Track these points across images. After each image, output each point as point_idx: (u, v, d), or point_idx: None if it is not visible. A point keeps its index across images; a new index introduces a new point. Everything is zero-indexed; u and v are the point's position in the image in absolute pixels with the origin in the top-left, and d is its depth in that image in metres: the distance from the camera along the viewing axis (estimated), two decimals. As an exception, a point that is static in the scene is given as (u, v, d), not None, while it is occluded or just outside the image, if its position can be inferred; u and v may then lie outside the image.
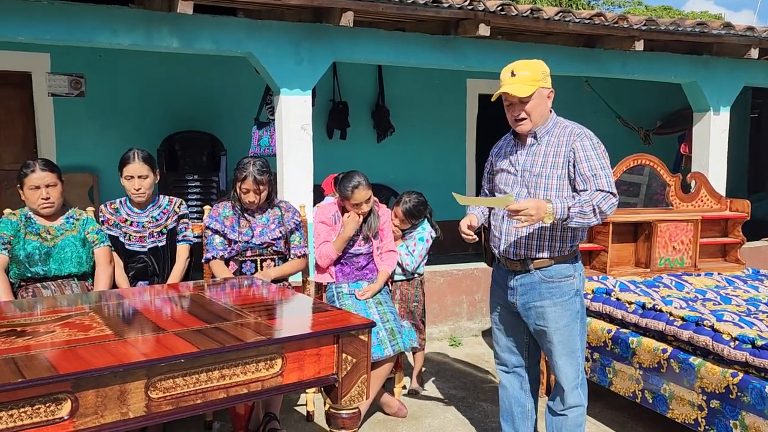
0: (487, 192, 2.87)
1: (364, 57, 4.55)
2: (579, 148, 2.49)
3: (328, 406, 2.18)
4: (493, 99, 2.58)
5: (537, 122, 2.53)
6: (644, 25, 4.84)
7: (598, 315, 3.41)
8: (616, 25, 4.74)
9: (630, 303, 3.22)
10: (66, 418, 1.62)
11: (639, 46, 4.92)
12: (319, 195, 4.44)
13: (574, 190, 2.52)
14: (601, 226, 3.91)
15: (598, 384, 3.37)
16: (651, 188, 4.27)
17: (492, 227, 2.71)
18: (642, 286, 3.57)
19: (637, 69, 5.38)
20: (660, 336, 3.00)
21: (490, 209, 2.75)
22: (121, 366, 1.67)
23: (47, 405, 1.59)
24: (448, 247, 6.32)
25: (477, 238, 2.63)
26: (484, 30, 4.37)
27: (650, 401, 3.02)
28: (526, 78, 2.44)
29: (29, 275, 2.95)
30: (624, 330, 3.23)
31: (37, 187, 2.99)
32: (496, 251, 2.68)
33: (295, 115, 4.31)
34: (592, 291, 3.49)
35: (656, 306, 3.07)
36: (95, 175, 6.26)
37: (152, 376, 1.73)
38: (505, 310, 2.75)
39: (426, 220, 3.77)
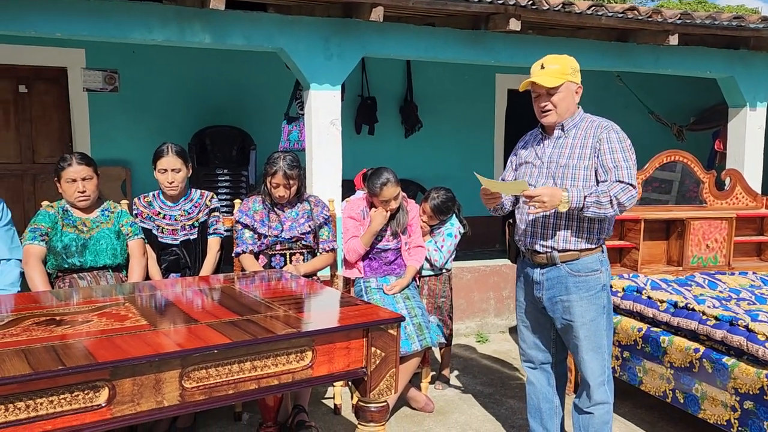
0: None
1: (394, 52, 4.55)
2: (605, 139, 2.50)
3: (356, 399, 2.19)
4: (521, 89, 2.60)
5: (563, 115, 2.56)
6: (679, 18, 4.75)
7: (629, 313, 3.37)
8: (649, 19, 4.67)
9: (661, 301, 3.18)
10: (104, 405, 1.66)
11: (673, 40, 4.83)
12: (349, 190, 4.47)
13: (598, 181, 2.52)
14: (632, 223, 3.88)
15: (627, 383, 3.33)
16: (684, 185, 4.21)
17: (518, 220, 2.71)
18: (674, 285, 3.52)
19: (671, 64, 5.29)
20: (692, 335, 2.96)
21: (515, 201, 2.75)
22: (157, 355, 1.71)
23: (86, 392, 1.64)
24: (476, 243, 6.31)
25: (498, 199, 2.64)
26: (514, 25, 4.33)
27: (681, 401, 2.98)
28: (555, 71, 2.49)
29: (66, 266, 3.03)
30: (655, 329, 3.18)
31: (74, 180, 3.06)
32: (522, 245, 2.68)
33: (324, 110, 4.33)
34: (623, 289, 3.45)
35: (689, 305, 3.03)
36: (128, 168, 6.37)
37: (186, 366, 1.76)
38: (531, 306, 2.74)
39: (454, 215, 3.77)
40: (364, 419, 2.16)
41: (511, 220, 2.86)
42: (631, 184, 2.44)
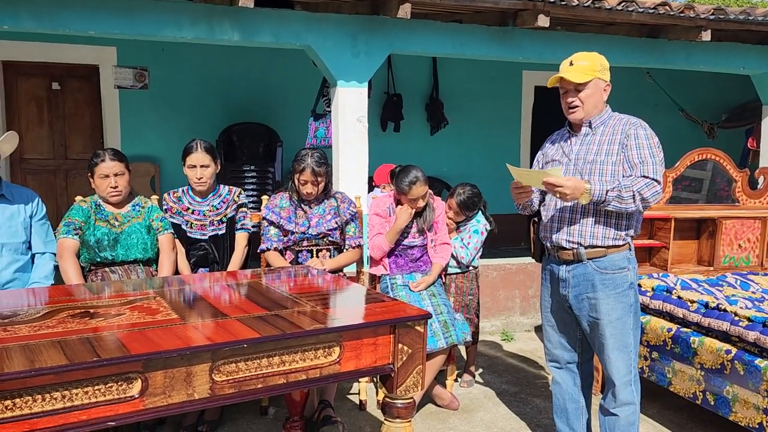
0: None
1: (421, 49, 4.54)
2: (633, 135, 2.50)
3: (383, 395, 2.20)
4: (549, 85, 2.60)
5: (590, 112, 2.55)
6: (712, 14, 4.66)
7: (658, 313, 3.33)
8: (681, 15, 4.59)
9: (692, 302, 3.13)
10: (136, 396, 1.69)
11: (706, 36, 4.74)
12: (372, 186, 4.48)
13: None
14: (662, 222, 3.82)
15: (656, 384, 3.29)
16: (715, 184, 4.13)
17: (543, 217, 2.70)
18: (704, 285, 3.46)
19: (704, 60, 5.19)
20: (724, 336, 2.90)
21: (542, 200, 2.74)
22: (188, 349, 1.74)
23: (119, 384, 1.67)
24: (501, 241, 6.27)
25: (525, 201, 2.65)
26: (543, 21, 4.29)
27: (712, 403, 2.93)
28: (584, 67, 2.49)
29: (99, 260, 3.08)
30: (685, 329, 3.14)
31: (107, 176, 3.12)
32: (548, 241, 2.67)
33: (351, 107, 4.34)
34: (652, 288, 3.41)
35: (720, 305, 2.97)
36: (157, 164, 6.47)
37: (216, 359, 1.79)
38: (557, 305, 2.73)
39: (480, 212, 3.75)
40: (391, 415, 2.17)
41: (536, 219, 2.84)
42: (656, 180, 2.42)
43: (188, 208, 3.37)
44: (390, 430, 2.17)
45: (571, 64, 2.51)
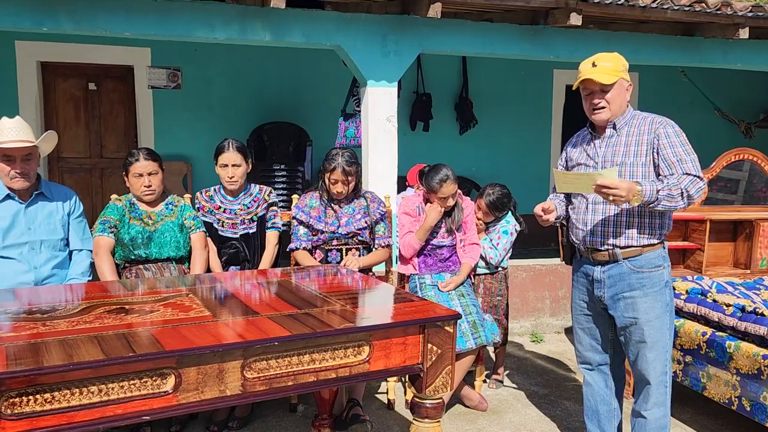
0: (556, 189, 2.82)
1: (451, 48, 4.53)
2: (663, 134, 2.47)
3: (412, 395, 2.20)
4: (573, 87, 2.59)
5: (616, 113, 2.54)
6: (750, 11, 4.55)
7: (692, 316, 3.26)
8: (718, 12, 4.49)
9: (728, 305, 3.07)
10: (170, 392, 1.72)
11: (743, 33, 4.64)
12: (403, 186, 4.48)
13: (658, 176, 2.48)
14: (697, 223, 3.75)
15: (690, 388, 3.23)
16: (752, 185, 4.04)
17: (574, 220, 2.67)
18: (741, 288, 3.39)
19: (741, 58, 5.07)
20: (760, 341, 2.84)
21: (568, 203, 2.71)
22: (221, 346, 1.76)
23: (153, 379, 1.70)
24: (531, 242, 6.21)
25: (552, 219, 2.64)
26: (575, 19, 4.24)
27: (748, 409, 2.87)
28: (609, 68, 2.47)
29: (133, 257, 3.15)
30: (720, 333, 3.07)
31: (141, 175, 3.18)
32: (581, 244, 2.64)
33: (380, 106, 4.35)
34: (686, 291, 3.34)
35: (757, 309, 2.91)
36: (189, 163, 6.56)
37: (248, 357, 1.81)
38: (590, 307, 2.70)
39: (510, 212, 3.72)
40: (420, 415, 2.17)
41: (564, 221, 2.82)
42: (699, 176, 2.40)
43: (220, 207, 3.42)
44: (419, 430, 2.17)
45: (594, 65, 2.49)
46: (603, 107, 2.51)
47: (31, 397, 1.57)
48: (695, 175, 2.39)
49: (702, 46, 4.98)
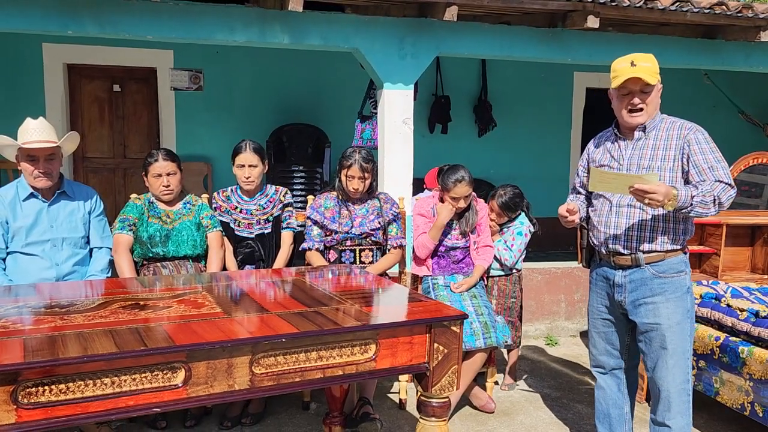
0: (578, 188, 2.81)
1: (468, 51, 4.54)
2: (693, 140, 2.44)
3: (419, 393, 2.23)
4: (614, 85, 2.47)
5: (651, 115, 2.50)
6: (772, 13, 4.50)
7: (706, 321, 3.24)
8: (739, 15, 4.44)
9: (742, 310, 3.04)
10: (180, 385, 1.77)
11: (765, 36, 4.58)
12: (419, 188, 4.51)
13: (686, 182, 2.45)
14: (714, 227, 3.72)
15: (703, 393, 3.21)
16: (776, 189, 4.00)
17: (596, 222, 2.64)
18: (757, 293, 3.36)
19: (763, 61, 5.01)
20: (774, 347, 2.82)
21: (588, 204, 2.70)
22: (229, 341, 1.81)
23: (164, 372, 1.76)
24: (547, 245, 6.20)
25: (578, 221, 2.62)
26: (592, 22, 4.23)
27: (761, 415, 2.84)
28: (649, 69, 2.42)
29: (151, 255, 3.22)
30: (734, 338, 3.05)
31: (159, 175, 3.25)
32: (602, 247, 2.61)
33: (397, 109, 4.38)
34: (701, 296, 3.32)
35: (771, 315, 2.88)
36: (209, 164, 6.67)
37: (256, 352, 1.86)
38: (608, 311, 2.68)
39: (524, 214, 3.73)
40: (426, 414, 2.19)
41: (583, 224, 2.81)
42: (730, 184, 2.38)
43: (236, 207, 3.48)
44: (425, 428, 2.20)
45: (633, 64, 2.40)
46: (641, 109, 2.46)
47: (47, 388, 1.63)
48: (727, 183, 2.36)
49: (723, 49, 4.93)
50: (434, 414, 2.19)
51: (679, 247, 2.51)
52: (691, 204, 2.32)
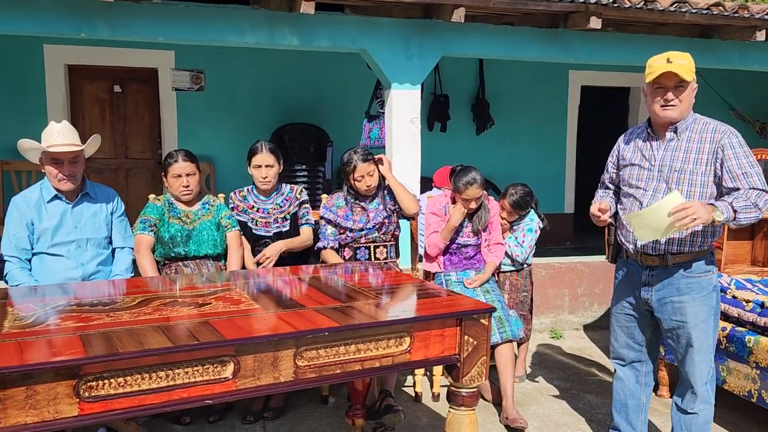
0: (607, 183, 2.87)
1: (473, 52, 4.63)
2: (727, 145, 2.45)
3: (449, 384, 2.31)
4: (648, 79, 2.48)
5: (684, 113, 2.50)
6: (767, 14, 4.63)
7: (712, 312, 3.36)
8: (735, 15, 4.57)
9: (747, 301, 3.16)
10: (230, 378, 1.84)
11: (760, 36, 4.72)
12: (425, 187, 4.59)
13: (718, 186, 2.49)
14: (716, 222, 3.84)
15: (710, 382, 3.32)
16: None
17: (625, 222, 2.68)
18: (759, 285, 3.48)
19: (758, 60, 5.15)
20: (780, 336, 2.94)
21: (617, 202, 2.77)
22: (276, 335, 1.89)
23: (215, 366, 1.83)
24: (547, 240, 6.30)
25: (610, 220, 2.65)
26: (595, 23, 4.34)
27: (767, 401, 2.96)
28: (685, 66, 2.43)
29: (173, 255, 3.28)
30: (740, 328, 3.17)
31: (179, 176, 3.31)
32: (631, 246, 2.64)
33: (404, 108, 4.47)
34: (706, 288, 3.44)
35: (777, 305, 3.00)
36: (212, 164, 6.71)
37: (300, 346, 1.93)
38: (632, 307, 2.74)
39: (533, 211, 3.83)
40: (456, 403, 2.28)
41: (612, 221, 2.86)
42: (765, 190, 2.40)
43: (253, 206, 3.55)
44: (455, 417, 2.29)
45: (669, 61, 2.41)
46: (675, 105, 2.46)
47: (106, 381, 1.69)
48: (761, 189, 2.38)
49: (719, 49, 5.06)
50: (464, 403, 2.27)
51: (706, 248, 2.55)
52: (734, 211, 2.33)
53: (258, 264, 3.41)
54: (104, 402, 1.70)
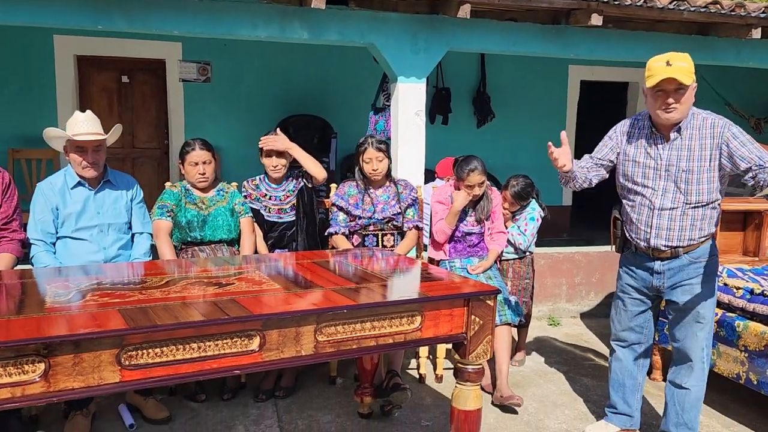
0: (597, 157, 2.90)
1: (477, 47, 4.76)
2: (731, 136, 2.56)
3: (456, 361, 2.46)
4: (648, 85, 2.57)
5: (684, 113, 2.59)
6: (763, 12, 4.77)
7: (704, 299, 3.52)
8: (732, 13, 4.71)
9: (737, 288, 3.32)
10: (256, 350, 1.99)
11: (756, 33, 4.86)
12: (428, 178, 4.74)
13: (722, 178, 2.64)
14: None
15: (701, 365, 3.49)
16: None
17: (635, 221, 2.79)
18: (750, 274, 3.64)
19: (753, 57, 5.29)
20: (767, 321, 3.09)
21: (621, 197, 2.88)
22: (299, 312, 2.03)
23: (242, 339, 1.97)
24: (545, 232, 6.44)
25: (561, 166, 2.76)
26: (596, 20, 4.47)
27: (754, 383, 3.13)
28: (685, 69, 2.50)
29: (189, 239, 3.42)
30: (730, 314, 3.33)
31: (196, 164, 3.45)
32: (643, 243, 2.78)
33: (410, 101, 4.60)
34: (699, 276, 3.60)
35: (765, 292, 3.16)
36: (218, 154, 6.80)
37: (320, 322, 2.08)
38: (639, 293, 2.90)
39: (534, 200, 3.98)
40: (462, 379, 2.43)
41: (617, 214, 3.02)
42: None
43: (266, 194, 3.69)
44: (461, 392, 2.44)
45: (669, 63, 2.48)
46: (676, 108, 2.54)
47: (144, 351, 1.84)
48: None
49: (716, 46, 5.20)
50: (470, 379, 2.43)
51: (710, 233, 2.74)
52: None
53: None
54: (143, 370, 1.85)
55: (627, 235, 2.89)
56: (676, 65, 2.49)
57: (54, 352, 1.73)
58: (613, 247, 3.14)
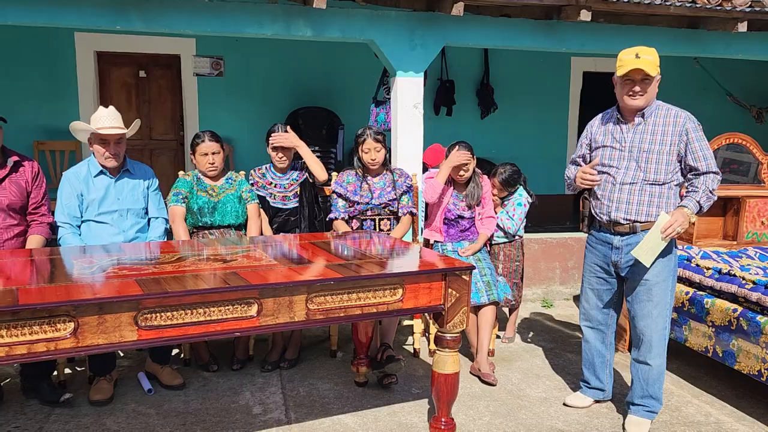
0: (579, 161, 3.21)
1: (472, 42, 5.00)
2: (690, 129, 2.87)
3: (435, 330, 2.75)
4: (619, 73, 2.86)
5: (648, 101, 2.89)
6: (749, 7, 4.95)
7: (679, 279, 3.73)
8: (718, 8, 4.89)
9: (707, 268, 3.56)
10: (254, 316, 2.29)
11: (742, 27, 5.03)
12: (425, 168, 5.00)
13: (680, 161, 2.91)
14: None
15: (675, 341, 3.73)
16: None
17: (600, 196, 3.06)
18: (724, 256, 3.87)
19: (741, 49, 5.47)
20: (732, 298, 3.34)
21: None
22: (291, 282, 2.33)
23: (242, 306, 2.27)
24: (546, 220, 6.70)
25: (599, 180, 3.02)
26: (585, 15, 4.68)
27: (720, 355, 3.38)
28: (651, 61, 2.81)
29: (200, 224, 3.74)
30: (700, 292, 3.57)
31: (206, 154, 3.75)
32: (605, 216, 3.04)
33: (408, 94, 4.86)
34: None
35: (731, 271, 3.40)
36: (231, 145, 7.15)
37: (311, 292, 2.37)
38: (603, 270, 3.14)
39: (521, 187, 4.24)
40: (441, 346, 2.72)
41: (586, 195, 3.27)
42: (716, 172, 2.86)
43: (271, 182, 3.99)
44: (441, 357, 2.73)
45: (637, 56, 2.78)
46: (642, 95, 2.85)
47: (157, 315, 2.15)
48: (714, 172, 2.85)
49: (705, 38, 5.38)
50: (448, 346, 2.71)
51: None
52: (700, 206, 2.84)
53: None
54: (157, 330, 2.15)
55: (592, 211, 3.15)
56: (643, 58, 2.80)
57: (81, 314, 2.04)
58: (582, 225, 3.39)
